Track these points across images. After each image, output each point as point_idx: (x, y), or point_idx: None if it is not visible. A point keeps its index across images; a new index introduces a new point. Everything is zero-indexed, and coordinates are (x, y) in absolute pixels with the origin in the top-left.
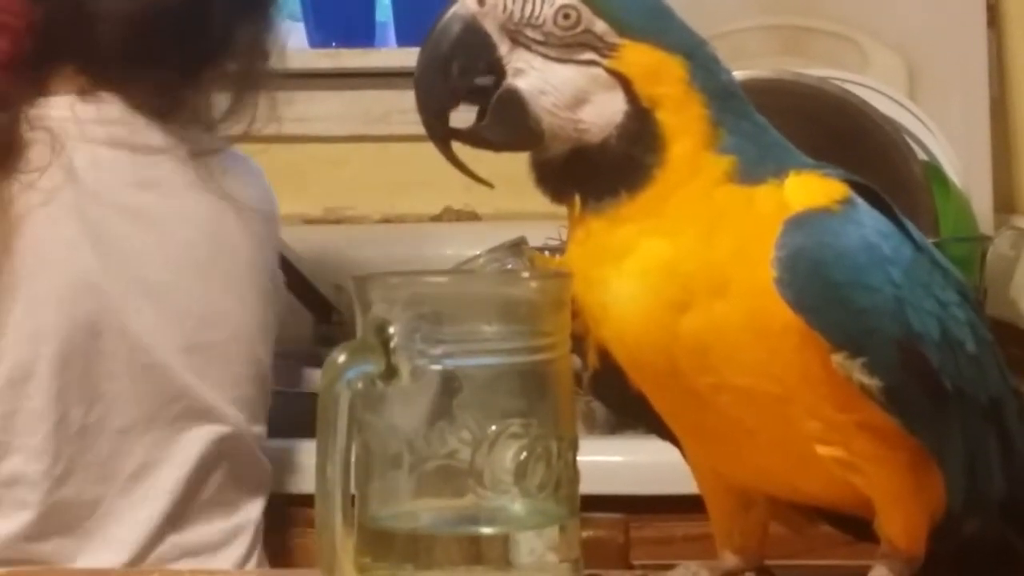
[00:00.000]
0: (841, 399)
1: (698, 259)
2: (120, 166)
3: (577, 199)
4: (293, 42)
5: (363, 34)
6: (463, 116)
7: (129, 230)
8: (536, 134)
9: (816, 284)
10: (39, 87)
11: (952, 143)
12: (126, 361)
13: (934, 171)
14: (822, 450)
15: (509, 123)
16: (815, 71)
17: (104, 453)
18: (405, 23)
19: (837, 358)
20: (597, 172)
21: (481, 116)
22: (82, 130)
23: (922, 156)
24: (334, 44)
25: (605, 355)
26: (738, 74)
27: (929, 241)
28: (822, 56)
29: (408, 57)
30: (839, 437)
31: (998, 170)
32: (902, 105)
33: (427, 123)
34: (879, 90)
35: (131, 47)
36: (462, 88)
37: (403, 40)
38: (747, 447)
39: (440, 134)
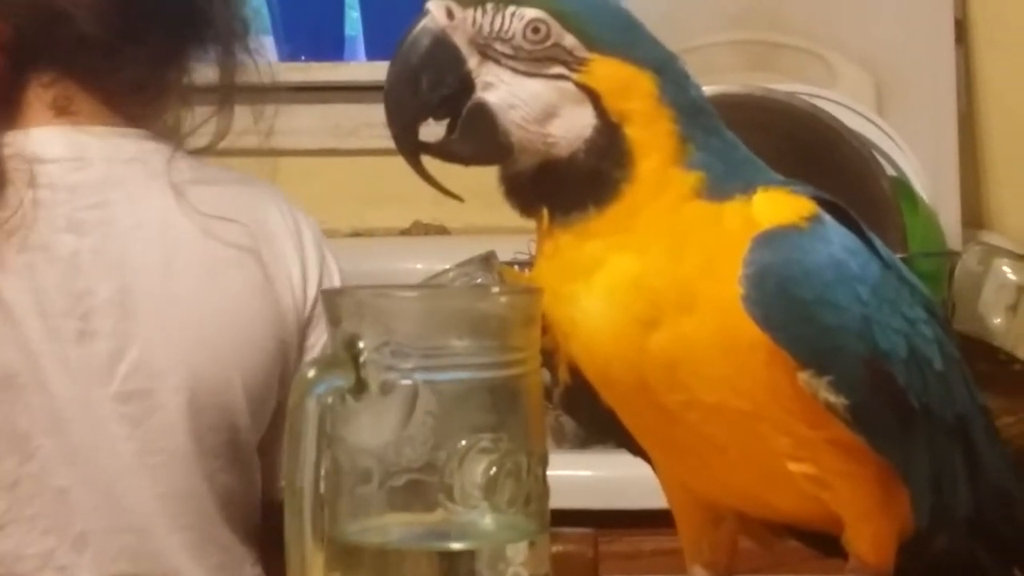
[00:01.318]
0: (810, 415)
1: (666, 275)
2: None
3: (545, 213)
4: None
5: (333, 48)
6: (434, 131)
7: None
8: (505, 148)
9: (783, 302)
10: (14, 113)
11: (920, 158)
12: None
13: (902, 186)
14: (792, 466)
15: (478, 137)
16: (784, 86)
17: (48, 509)
18: (375, 37)
19: (804, 376)
20: (565, 186)
21: (451, 130)
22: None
23: (890, 171)
24: (304, 57)
25: (575, 370)
26: (708, 89)
27: (897, 256)
28: (791, 71)
29: (378, 71)
30: (808, 453)
31: (966, 186)
32: (870, 120)
33: (397, 137)
34: (848, 105)
35: (112, 32)
36: (431, 102)
37: (373, 54)
38: (717, 463)
39: (410, 148)
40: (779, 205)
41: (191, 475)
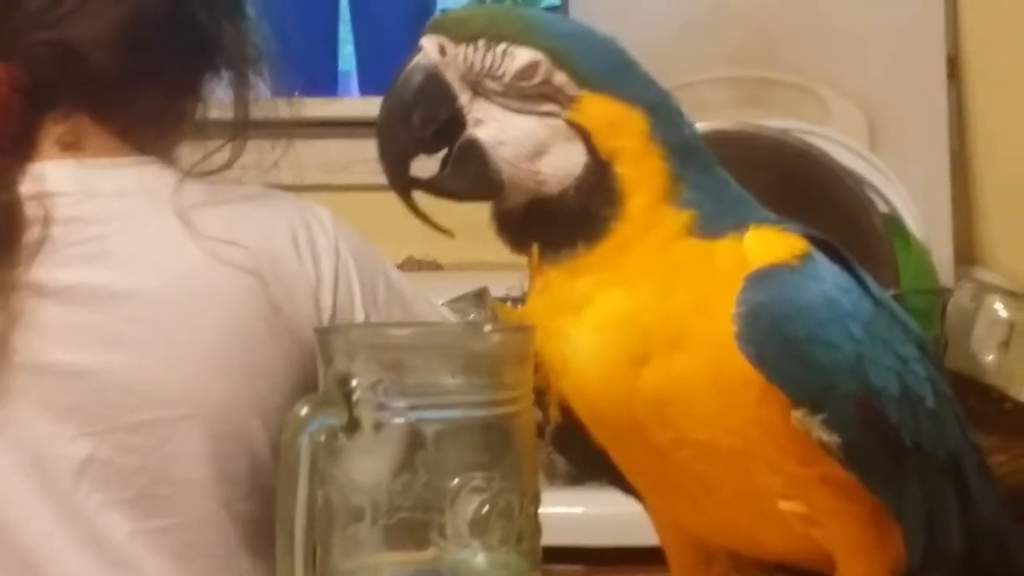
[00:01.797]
0: (802, 453)
1: (657, 312)
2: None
3: (535, 249)
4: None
5: (326, 83)
6: (428, 166)
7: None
8: (496, 184)
9: (776, 340)
10: (27, 149)
11: (912, 195)
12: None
13: (894, 223)
14: (783, 505)
15: (469, 173)
16: (777, 123)
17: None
18: (368, 73)
19: (797, 414)
20: (555, 223)
21: (444, 167)
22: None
23: (883, 208)
24: (297, 93)
25: (567, 409)
26: (700, 126)
27: (889, 293)
28: (784, 108)
29: (371, 106)
30: (800, 492)
31: (958, 222)
32: (863, 157)
33: (388, 171)
34: (840, 142)
35: (126, 68)
36: (424, 137)
37: (366, 90)
38: (708, 501)
39: (401, 183)
40: (771, 243)
41: (208, 503)
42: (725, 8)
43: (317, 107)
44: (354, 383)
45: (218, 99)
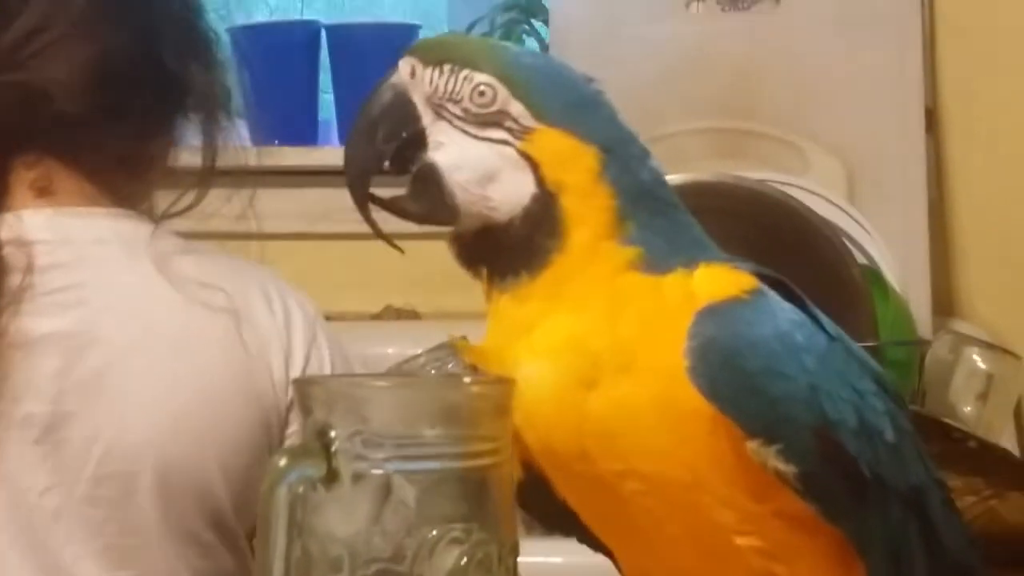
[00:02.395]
0: (755, 487)
1: (603, 335)
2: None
3: (485, 275)
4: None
5: (306, 132)
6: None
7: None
8: (451, 209)
9: (729, 373)
10: (4, 200)
11: (891, 247)
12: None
13: (873, 274)
14: (739, 540)
15: (427, 196)
16: (755, 174)
17: None
18: (348, 122)
19: (752, 445)
20: (501, 251)
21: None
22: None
23: (861, 259)
24: (276, 142)
25: (528, 465)
26: (678, 177)
27: (868, 345)
28: (763, 159)
29: None
30: (755, 527)
31: (936, 274)
32: (841, 208)
33: (350, 184)
34: (818, 193)
35: (91, 109)
36: (385, 153)
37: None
38: (659, 540)
39: (360, 195)
40: (720, 279)
41: (168, 559)
42: (704, 60)
43: (297, 156)
44: (333, 434)
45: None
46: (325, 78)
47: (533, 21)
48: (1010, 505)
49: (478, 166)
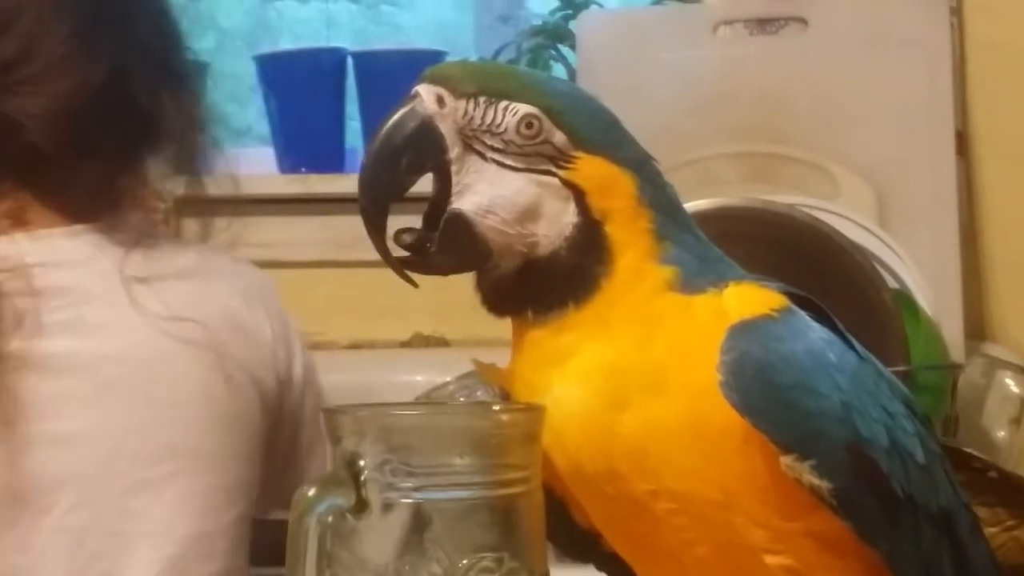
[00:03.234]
0: (786, 506)
1: (636, 359)
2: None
3: (523, 311)
4: (262, 167)
5: (333, 160)
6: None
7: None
8: (484, 254)
9: (762, 387)
10: None
11: (922, 270)
12: None
13: (904, 298)
14: (770, 560)
15: (457, 246)
16: (785, 198)
17: None
18: None
19: (786, 460)
20: (547, 284)
21: (425, 221)
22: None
23: (892, 283)
24: (303, 169)
25: (550, 490)
26: (708, 202)
27: (900, 369)
28: (792, 183)
29: None
30: (785, 546)
31: (968, 297)
32: (872, 232)
33: (365, 211)
34: (849, 217)
35: (64, 144)
36: (407, 184)
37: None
38: (689, 560)
39: (376, 224)
40: (750, 298)
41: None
42: (733, 84)
43: (324, 183)
44: (362, 463)
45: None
46: (351, 105)
47: (560, 46)
48: None
49: (514, 202)
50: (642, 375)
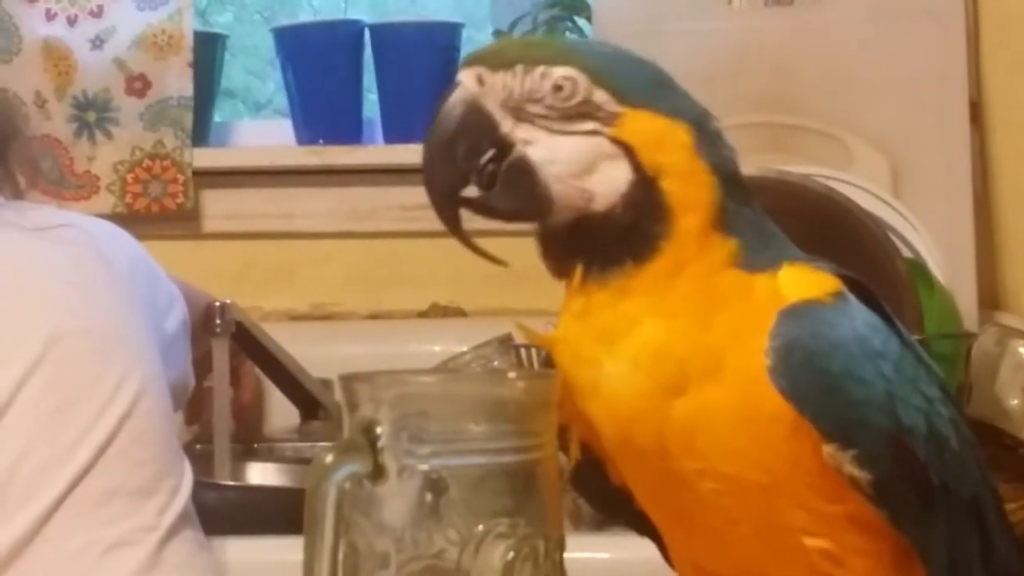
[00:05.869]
0: (829, 490)
1: (693, 342)
2: None
3: (580, 268)
4: (281, 139)
5: (350, 131)
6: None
7: None
8: (545, 202)
9: (810, 374)
10: None
11: (936, 240)
12: None
13: (918, 268)
14: (808, 542)
15: (519, 191)
16: (799, 169)
17: None
18: (392, 121)
19: (828, 449)
20: (602, 240)
21: (491, 186)
22: None
23: (906, 253)
24: (321, 141)
25: (587, 447)
26: None
27: (914, 338)
28: (806, 154)
29: (395, 154)
30: (825, 529)
31: (982, 267)
32: (886, 202)
33: (437, 205)
34: (863, 187)
35: None
36: (469, 169)
37: (390, 137)
38: (730, 537)
39: (450, 217)
40: (805, 280)
41: None
42: (747, 55)
43: (342, 155)
44: (379, 430)
45: None
46: (369, 77)
47: (576, 18)
48: None
49: (572, 159)
50: (699, 360)
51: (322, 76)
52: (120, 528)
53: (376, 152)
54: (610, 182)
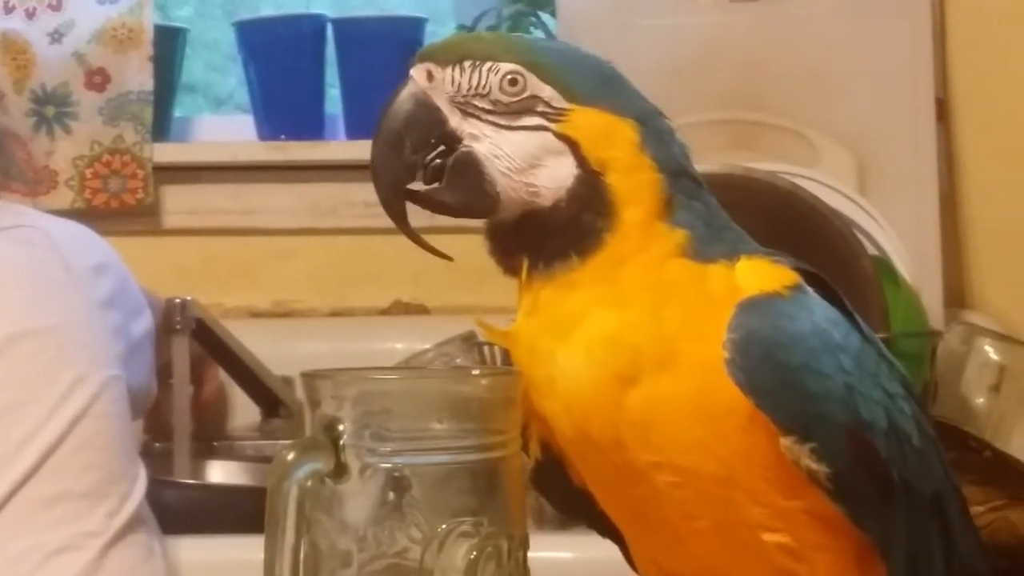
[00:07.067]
0: (787, 484)
1: (646, 331)
2: None
3: (526, 263)
4: (242, 134)
5: (312, 127)
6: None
7: None
8: (491, 197)
9: (768, 367)
10: None
11: (902, 238)
12: None
13: (884, 266)
14: (767, 537)
15: (465, 186)
16: (765, 166)
17: None
18: (355, 116)
19: (786, 442)
20: (547, 235)
21: (438, 181)
22: None
23: (872, 251)
24: (283, 137)
25: (547, 446)
26: None
27: (879, 336)
28: (773, 151)
29: (357, 149)
30: (784, 524)
31: (948, 265)
32: (852, 199)
33: (384, 200)
34: (829, 184)
35: None
36: (416, 163)
37: (353, 133)
38: (688, 533)
39: (397, 211)
40: (762, 273)
41: None
42: (713, 51)
43: (303, 150)
44: (341, 428)
45: None
46: (331, 72)
47: (540, 13)
48: (1022, 515)
49: (517, 154)
50: (651, 349)
51: (284, 71)
52: (65, 532)
53: (338, 148)
54: (555, 177)
